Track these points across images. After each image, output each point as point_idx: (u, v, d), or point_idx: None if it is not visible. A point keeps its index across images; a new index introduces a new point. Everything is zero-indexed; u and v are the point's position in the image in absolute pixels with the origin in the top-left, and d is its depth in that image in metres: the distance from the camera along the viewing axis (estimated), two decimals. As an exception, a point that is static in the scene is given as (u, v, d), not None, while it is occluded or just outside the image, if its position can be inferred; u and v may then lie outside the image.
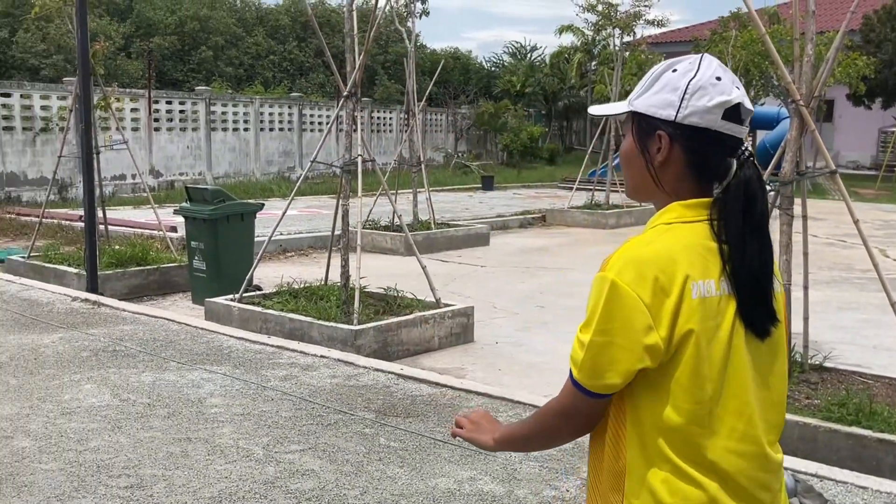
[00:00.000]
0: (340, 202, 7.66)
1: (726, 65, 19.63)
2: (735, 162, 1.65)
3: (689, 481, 1.56)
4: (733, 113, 1.64)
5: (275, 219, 8.35)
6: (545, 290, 9.88)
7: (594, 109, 1.86)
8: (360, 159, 7.52)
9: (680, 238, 1.59)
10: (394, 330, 6.97)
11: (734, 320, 1.60)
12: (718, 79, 1.64)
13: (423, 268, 7.67)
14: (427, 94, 14.92)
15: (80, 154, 10.54)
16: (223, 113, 22.91)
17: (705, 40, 23.13)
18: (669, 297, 1.53)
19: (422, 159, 13.38)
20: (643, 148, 1.69)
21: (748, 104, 1.66)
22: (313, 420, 5.07)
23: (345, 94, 7.55)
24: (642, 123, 1.69)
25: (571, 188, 19.06)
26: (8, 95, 18.06)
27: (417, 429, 4.94)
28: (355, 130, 7.54)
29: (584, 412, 1.63)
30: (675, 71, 1.67)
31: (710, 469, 1.57)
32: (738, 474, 1.59)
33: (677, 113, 1.63)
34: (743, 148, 1.66)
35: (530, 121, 34.44)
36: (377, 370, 6.09)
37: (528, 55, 40.10)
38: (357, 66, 7.46)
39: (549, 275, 10.99)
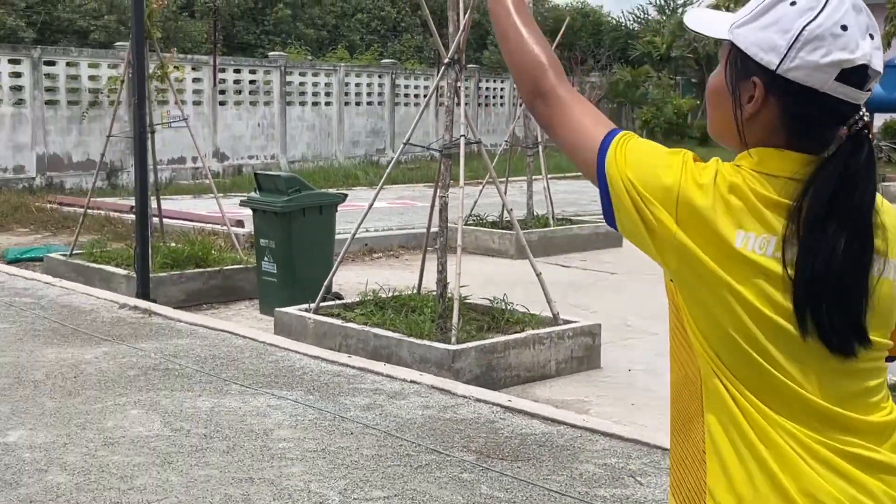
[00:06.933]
0: (438, 192, 7.68)
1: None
2: (845, 132, 1.58)
3: None
4: (853, 74, 1.57)
5: (360, 212, 8.44)
6: (693, 305, 9.67)
7: (689, 19, 1.79)
8: (462, 140, 7.52)
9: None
10: (500, 351, 6.94)
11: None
12: (844, 28, 1.56)
13: (538, 274, 7.61)
14: (547, 59, 14.79)
15: (132, 133, 10.90)
16: (301, 84, 23.36)
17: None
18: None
19: (539, 140, 13.31)
20: (734, 90, 1.67)
21: (878, 64, 1.57)
22: (400, 460, 5.09)
23: (446, 60, 7.56)
24: (738, 62, 1.66)
25: (728, 176, 18.67)
26: (52, 64, 18.87)
27: (528, 475, 4.90)
28: (458, 105, 7.55)
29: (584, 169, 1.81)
30: (793, 4, 1.60)
31: None
32: None
33: (780, 63, 1.59)
34: (857, 116, 1.59)
35: (677, 91, 33.93)
36: (479, 401, 6.08)
37: (679, 10, 39.44)
38: (462, 27, 7.47)
39: (697, 286, 10.76)
